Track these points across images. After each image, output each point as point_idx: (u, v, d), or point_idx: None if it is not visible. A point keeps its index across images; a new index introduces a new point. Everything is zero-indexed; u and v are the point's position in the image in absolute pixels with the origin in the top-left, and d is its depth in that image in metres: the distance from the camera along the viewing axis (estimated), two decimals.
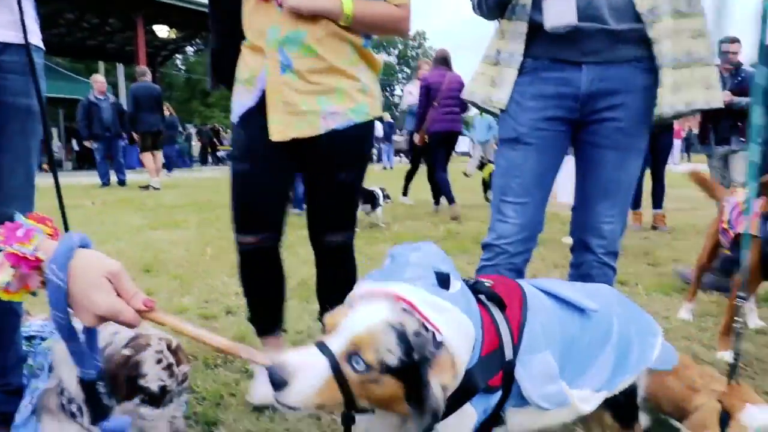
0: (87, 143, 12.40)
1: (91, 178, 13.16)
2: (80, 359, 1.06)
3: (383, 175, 14.67)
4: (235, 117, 2.11)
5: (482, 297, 1.22)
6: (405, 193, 9.47)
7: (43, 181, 1.73)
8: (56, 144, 22.67)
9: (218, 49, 2.31)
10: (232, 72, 2.15)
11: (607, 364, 1.32)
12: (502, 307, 1.21)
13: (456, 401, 1.07)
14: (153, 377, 1.46)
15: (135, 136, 11.95)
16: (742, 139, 5.62)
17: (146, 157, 11.83)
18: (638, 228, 6.61)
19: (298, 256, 4.90)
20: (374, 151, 22.69)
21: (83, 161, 21.63)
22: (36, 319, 1.90)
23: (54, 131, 22.25)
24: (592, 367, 1.29)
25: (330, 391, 0.96)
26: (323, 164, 2.12)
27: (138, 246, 5.26)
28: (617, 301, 1.47)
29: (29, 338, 1.79)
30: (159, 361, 1.48)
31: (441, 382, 0.97)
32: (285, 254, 5.06)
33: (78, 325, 1.06)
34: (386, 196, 7.22)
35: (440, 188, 8.01)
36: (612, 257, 2.03)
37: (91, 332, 1.08)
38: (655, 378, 1.72)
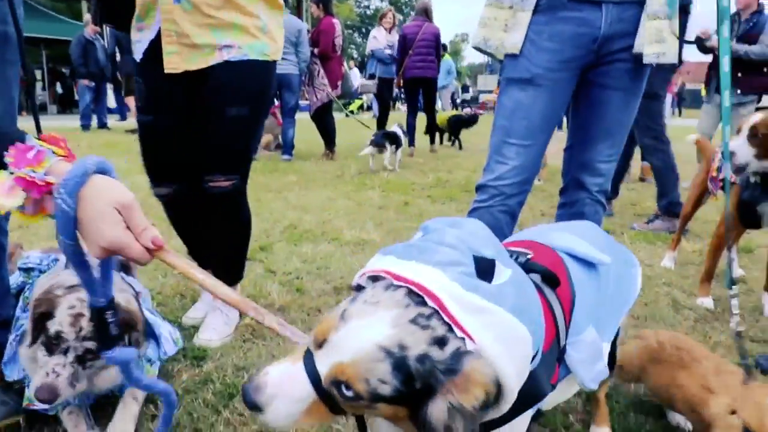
0: (85, 82, 11.86)
1: (76, 121, 12.90)
2: (90, 287, 1.02)
3: (373, 123, 14.50)
4: (138, 55, 2.03)
5: (536, 278, 1.05)
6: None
7: (24, 124, 1.68)
8: (39, 86, 22.06)
9: None
10: (123, 11, 2.07)
11: (611, 311, 1.26)
12: (554, 285, 1.06)
13: (516, 410, 0.89)
14: (56, 321, 1.44)
15: (119, 78, 11.66)
16: (739, 91, 5.59)
17: (131, 100, 11.58)
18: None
19: (286, 200, 4.90)
20: (365, 98, 22.35)
21: (66, 105, 21.09)
22: (34, 251, 1.88)
23: (37, 73, 21.61)
24: (603, 321, 1.20)
25: (318, 411, 0.84)
26: (213, 97, 2.03)
27: None
28: (604, 239, 1.40)
29: (27, 270, 1.79)
30: (71, 308, 1.46)
31: (457, 403, 0.77)
32: (273, 199, 5.07)
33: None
34: (404, 132, 7.80)
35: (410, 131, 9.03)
36: (603, 195, 2.05)
37: (105, 260, 1.02)
38: (665, 372, 1.60)
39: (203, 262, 2.31)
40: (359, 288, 0.92)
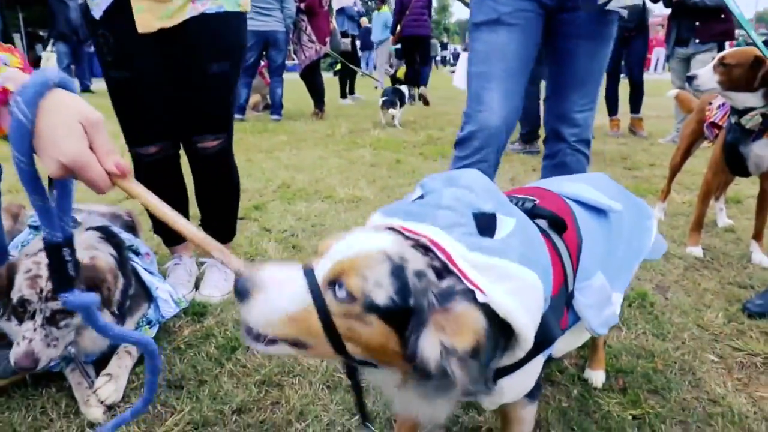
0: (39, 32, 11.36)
1: None
2: (46, 217, 0.90)
3: (365, 81, 14.34)
4: (98, 12, 1.87)
5: (542, 223, 1.04)
6: (344, 95, 10.99)
7: None
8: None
9: None
10: None
11: (623, 261, 1.25)
12: (561, 230, 1.06)
13: (528, 355, 0.90)
14: (16, 288, 1.44)
15: None
16: (698, 41, 5.51)
17: None
18: (616, 134, 6.65)
19: (278, 160, 4.88)
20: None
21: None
22: None
23: (15, 37, 21.02)
24: (615, 270, 1.20)
25: (307, 322, 0.79)
26: (193, 53, 1.96)
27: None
28: (617, 189, 1.39)
29: (37, 227, 1.79)
30: (27, 272, 1.45)
31: (449, 343, 0.75)
32: (264, 159, 5.05)
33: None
34: (411, 96, 8.14)
35: (416, 81, 10.11)
36: (584, 145, 2.05)
37: (63, 188, 0.93)
38: None
39: (173, 231, 2.29)
40: None
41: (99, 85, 13.06)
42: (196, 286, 2.26)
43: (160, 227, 2.31)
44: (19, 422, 1.46)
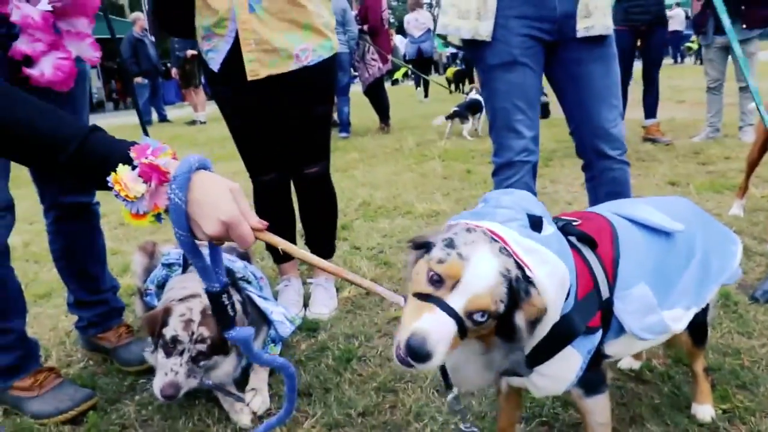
0: (139, 79, 12.22)
1: (133, 117, 13.50)
2: (205, 274, 1.11)
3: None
4: (216, 65, 2.21)
5: (573, 239, 1.23)
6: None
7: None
8: (95, 85, 22.98)
9: None
10: (181, 20, 2.28)
11: (693, 279, 1.36)
12: (593, 246, 1.24)
13: (555, 346, 1.14)
14: (171, 328, 1.72)
15: (173, 71, 12.02)
16: (744, 26, 5.08)
17: (188, 91, 12.02)
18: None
19: (354, 179, 5.14)
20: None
21: (116, 102, 22.27)
22: (172, 248, 2.19)
23: (92, 72, 22.50)
24: (679, 286, 1.33)
25: (454, 343, 1.00)
26: (297, 100, 2.27)
27: None
28: (693, 212, 1.49)
29: (169, 265, 2.09)
30: (182, 315, 1.74)
31: (528, 317, 1.03)
32: (341, 178, 5.33)
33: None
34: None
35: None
36: (625, 154, 2.17)
37: (215, 250, 1.14)
38: None
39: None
40: (426, 245, 1.09)
41: (171, 113, 13.90)
42: (305, 304, 2.53)
43: (270, 246, 2.61)
44: (183, 428, 1.75)
